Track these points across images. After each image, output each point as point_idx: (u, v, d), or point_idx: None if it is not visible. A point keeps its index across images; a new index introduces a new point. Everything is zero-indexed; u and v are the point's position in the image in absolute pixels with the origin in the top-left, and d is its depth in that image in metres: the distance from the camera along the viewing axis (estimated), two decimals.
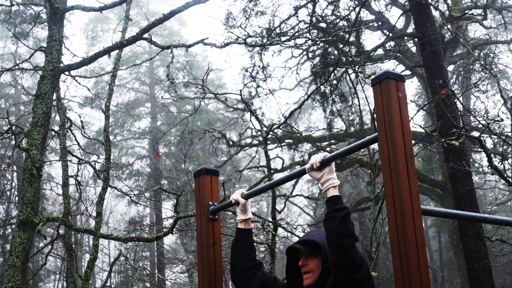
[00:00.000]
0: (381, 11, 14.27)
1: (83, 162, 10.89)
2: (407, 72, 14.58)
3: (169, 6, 27.91)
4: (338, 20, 13.08)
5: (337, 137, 15.31)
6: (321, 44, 13.19)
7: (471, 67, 14.31)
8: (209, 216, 3.04)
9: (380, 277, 7.57)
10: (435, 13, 12.30)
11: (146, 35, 8.67)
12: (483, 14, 14.31)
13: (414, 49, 14.72)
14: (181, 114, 20.64)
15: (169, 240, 23.28)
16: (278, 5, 13.56)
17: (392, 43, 13.81)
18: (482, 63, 10.87)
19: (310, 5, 12.89)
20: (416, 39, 12.42)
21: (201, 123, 20.97)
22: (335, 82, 13.62)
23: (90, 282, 9.46)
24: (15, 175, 19.49)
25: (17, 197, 18.56)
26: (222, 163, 18.49)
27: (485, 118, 10.09)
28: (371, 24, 14.24)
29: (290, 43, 14.02)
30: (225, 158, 18.75)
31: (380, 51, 13.57)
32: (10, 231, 18.20)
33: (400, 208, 2.08)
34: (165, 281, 16.42)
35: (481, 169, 15.56)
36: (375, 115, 2.33)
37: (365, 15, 14.14)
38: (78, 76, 10.65)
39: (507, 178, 7.81)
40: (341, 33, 12.17)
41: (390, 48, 13.66)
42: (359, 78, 11.19)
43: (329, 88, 13.91)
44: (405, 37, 13.85)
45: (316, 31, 13.15)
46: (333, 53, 13.38)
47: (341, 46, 12.54)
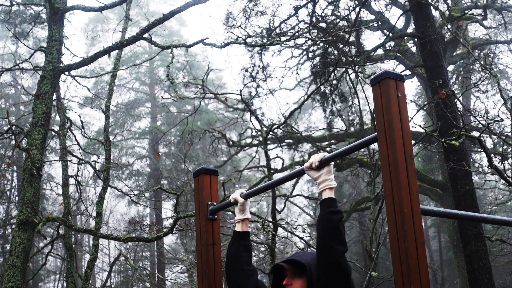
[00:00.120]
0: (381, 11, 14.27)
1: (83, 162, 10.89)
2: (407, 72, 14.58)
3: (169, 6, 27.94)
4: (338, 20, 13.08)
5: (337, 137, 15.31)
6: (321, 44, 13.19)
7: (471, 67, 14.30)
8: (209, 216, 3.04)
9: (380, 277, 7.57)
10: (435, 13, 12.30)
11: (146, 35, 8.68)
12: (483, 14, 14.30)
13: (414, 49, 14.72)
14: (181, 114, 20.64)
15: (169, 240, 23.30)
16: (278, 5, 13.57)
17: (392, 43, 13.81)
18: (482, 63, 10.87)
19: (310, 5, 12.89)
20: (416, 39, 12.42)
21: (201, 123, 20.97)
22: (335, 82, 13.62)
23: (90, 282, 9.46)
24: (15, 175, 19.49)
25: (17, 197, 18.57)
26: (222, 163, 18.49)
27: (485, 118, 10.09)
28: (371, 24, 14.24)
29: (290, 43, 14.02)
30: (225, 158, 18.75)
31: (380, 51, 13.57)
32: (10, 231, 18.20)
33: (399, 208, 2.08)
34: (165, 281, 16.42)
35: (481, 169, 15.56)
36: (374, 115, 2.33)
37: (365, 15, 14.15)
38: (78, 76, 10.65)
39: (507, 178, 7.81)
40: (341, 33, 12.17)
41: (390, 48, 13.66)
42: (359, 78, 11.19)
43: (329, 88, 13.91)
44: (405, 37, 13.84)
45: (316, 31, 13.15)
46: (333, 53, 13.38)
47: (341, 46, 12.54)
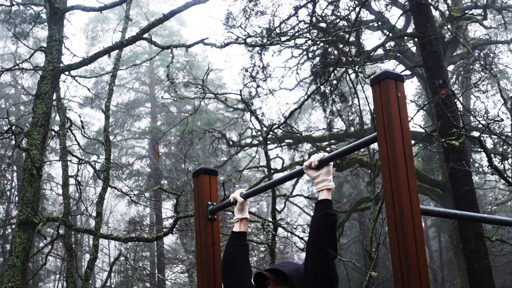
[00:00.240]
0: (381, 11, 14.26)
1: (83, 162, 10.90)
2: (407, 72, 14.58)
3: (169, 6, 27.94)
4: (338, 20, 13.08)
5: (337, 137, 15.30)
6: (321, 44, 13.19)
7: (471, 67, 14.30)
8: (208, 216, 3.04)
9: (380, 277, 7.56)
10: (435, 13, 12.30)
11: (146, 35, 8.68)
12: (483, 14, 14.30)
13: (414, 49, 14.72)
14: (181, 114, 20.64)
15: (169, 240, 23.31)
16: (278, 5, 13.56)
17: (392, 43, 13.80)
18: (482, 63, 10.87)
19: (310, 5, 12.89)
20: (416, 39, 12.42)
21: (201, 123, 20.97)
22: (335, 82, 13.62)
23: (90, 282, 9.46)
24: (15, 175, 19.49)
25: (17, 197, 18.56)
26: (222, 163, 18.49)
27: (485, 118, 10.10)
28: (371, 24, 14.24)
29: (290, 43, 14.02)
30: (225, 158, 18.75)
31: (380, 51, 13.57)
32: (10, 231, 18.20)
33: (399, 208, 2.08)
34: (165, 281, 16.41)
35: (481, 169, 15.56)
36: (374, 115, 2.31)
37: (365, 15, 14.15)
38: (78, 76, 10.65)
39: (507, 178, 7.81)
40: (341, 33, 12.17)
41: (390, 48, 13.65)
42: (359, 78, 11.19)
43: (329, 88, 13.91)
44: (405, 37, 13.84)
45: (316, 31, 13.15)
46: (333, 53, 13.38)
47: (341, 46, 12.54)
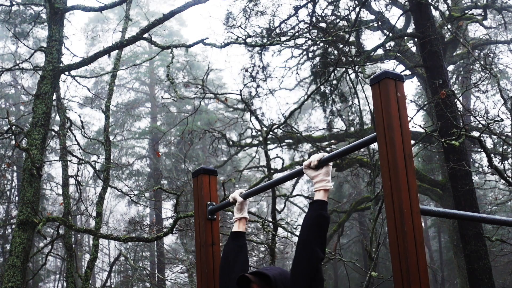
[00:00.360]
0: (381, 11, 14.26)
1: (83, 162, 10.90)
2: (407, 72, 14.57)
3: (169, 6, 27.94)
4: (338, 20, 13.08)
5: (337, 137, 15.30)
6: (321, 44, 13.19)
7: (471, 67, 14.29)
8: (208, 216, 3.04)
9: (380, 277, 7.56)
10: (435, 13, 12.30)
11: (146, 35, 8.68)
12: (483, 14, 14.29)
13: (414, 49, 14.71)
14: (181, 114, 20.64)
15: (169, 240, 23.31)
16: (278, 5, 13.56)
17: (392, 43, 13.80)
18: (482, 63, 10.87)
19: (310, 5, 12.89)
20: (416, 39, 12.41)
21: (201, 123, 20.97)
22: (335, 82, 13.62)
23: (90, 282, 9.46)
24: (15, 175, 19.50)
25: (17, 197, 18.56)
26: (222, 163, 18.48)
27: (485, 118, 10.10)
28: (371, 24, 14.23)
29: (290, 43, 14.02)
30: (225, 158, 18.74)
31: (380, 51, 13.57)
32: (10, 231, 18.20)
33: (399, 208, 2.08)
34: (165, 281, 16.41)
35: (481, 169, 15.56)
36: (374, 115, 2.31)
37: (365, 15, 14.14)
38: (78, 76, 10.66)
39: (507, 178, 7.80)
40: (341, 33, 12.17)
41: (390, 48, 13.65)
42: (359, 78, 11.20)
43: (329, 88, 13.91)
44: (405, 37, 13.84)
45: (316, 31, 13.15)
46: (333, 53, 13.38)
47: (341, 46, 12.54)
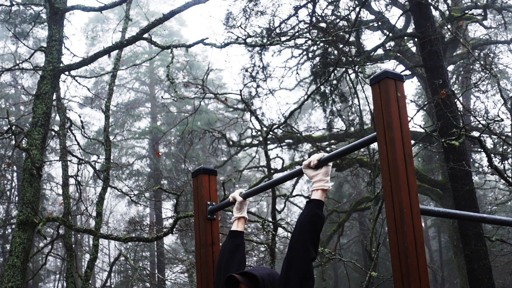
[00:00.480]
0: (381, 11, 14.25)
1: (83, 162, 10.90)
2: (407, 72, 14.57)
3: (169, 6, 27.93)
4: (338, 20, 13.07)
5: (337, 137, 15.30)
6: (321, 44, 13.19)
7: (471, 67, 14.29)
8: (207, 216, 3.04)
9: (380, 277, 7.55)
10: (435, 13, 12.29)
11: (146, 35, 8.68)
12: (483, 14, 14.29)
13: (414, 49, 14.71)
14: (181, 114, 20.64)
15: (169, 240, 23.31)
16: (278, 5, 13.55)
17: (392, 43, 13.79)
18: (482, 63, 10.87)
19: (310, 5, 12.89)
20: (416, 39, 12.41)
21: (201, 123, 20.96)
22: (335, 82, 13.62)
23: (90, 282, 9.45)
24: (15, 175, 19.49)
25: (17, 197, 18.56)
26: (222, 163, 18.48)
27: (485, 118, 10.10)
28: (371, 24, 14.23)
29: (290, 43, 14.01)
30: (225, 158, 18.74)
31: (380, 51, 13.57)
32: (10, 231, 18.20)
33: (399, 208, 2.07)
34: (165, 281, 16.41)
35: (481, 169, 15.56)
36: (374, 115, 2.31)
37: (365, 15, 14.14)
38: (78, 76, 10.65)
39: (507, 178, 7.80)
40: (341, 33, 12.16)
41: (390, 48, 13.65)
42: (359, 78, 11.19)
43: (329, 88, 13.90)
44: (405, 37, 13.84)
45: (316, 31, 13.15)
46: (333, 53, 13.37)
47: (341, 46, 12.54)
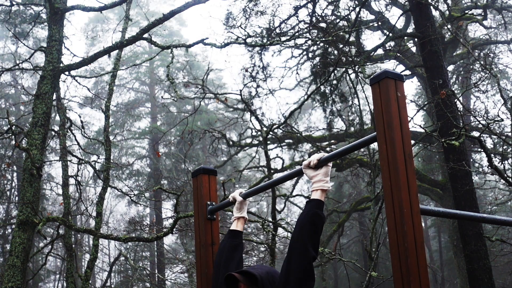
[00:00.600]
0: (381, 11, 14.25)
1: (83, 162, 10.90)
2: (407, 72, 14.57)
3: (169, 6, 27.93)
4: (338, 20, 13.07)
5: (337, 137, 15.30)
6: (321, 44, 13.18)
7: (471, 67, 14.29)
8: (207, 216, 3.04)
9: (380, 277, 7.55)
10: (435, 13, 12.29)
11: (146, 35, 8.68)
12: (483, 14, 14.28)
13: (414, 49, 14.71)
14: (181, 114, 20.64)
15: (169, 240, 23.30)
16: (278, 5, 13.55)
17: (392, 43, 13.79)
18: (482, 63, 10.86)
19: (310, 5, 12.88)
20: (416, 39, 12.41)
21: (201, 123, 20.95)
22: (335, 82, 13.62)
23: (90, 282, 9.45)
24: (15, 175, 19.49)
25: (17, 197, 18.56)
26: (222, 163, 18.48)
27: (485, 118, 10.10)
28: (371, 24, 14.23)
29: (290, 43, 14.01)
30: (225, 158, 18.73)
31: (380, 51, 13.56)
32: (10, 231, 18.20)
33: (399, 207, 2.07)
34: (165, 281, 16.41)
35: (481, 169, 15.56)
36: (374, 115, 2.31)
37: (365, 15, 14.13)
38: (78, 76, 10.65)
39: (507, 178, 7.80)
40: (341, 33, 12.16)
41: (390, 48, 13.65)
42: (359, 78, 11.19)
43: (329, 88, 13.90)
44: (405, 37, 13.83)
45: (316, 31, 13.14)
46: (333, 53, 13.37)
47: (341, 46, 12.54)
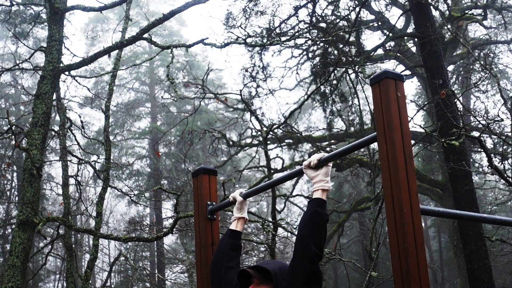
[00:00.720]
0: (381, 11, 14.25)
1: (83, 162, 10.90)
2: (407, 72, 14.57)
3: (169, 6, 27.93)
4: (338, 20, 13.08)
5: (337, 137, 15.30)
6: (321, 44, 13.19)
7: (471, 67, 14.29)
8: (207, 216, 3.04)
9: (380, 277, 7.56)
10: (435, 13, 12.29)
11: (146, 35, 8.68)
12: (483, 14, 14.29)
13: (414, 49, 14.71)
14: (181, 114, 20.64)
15: (169, 240, 23.30)
16: (278, 5, 13.55)
17: (392, 43, 13.80)
18: (482, 63, 10.87)
19: (310, 5, 12.89)
20: (416, 39, 12.41)
21: (201, 123, 20.95)
22: (335, 82, 13.62)
23: (90, 282, 9.45)
24: (15, 175, 19.49)
25: (17, 197, 18.56)
26: (222, 163, 18.48)
27: (485, 118, 10.10)
28: (371, 24, 14.23)
29: (290, 43, 14.01)
30: (225, 158, 18.73)
31: (380, 51, 13.56)
32: (10, 231, 18.19)
33: (399, 208, 2.07)
34: (165, 281, 16.41)
35: (481, 169, 15.56)
36: (374, 115, 2.30)
37: (365, 15, 14.14)
38: (78, 76, 10.65)
39: (507, 178, 7.80)
40: (341, 33, 12.16)
41: (390, 48, 13.65)
42: (359, 78, 11.19)
43: (329, 88, 13.90)
44: (405, 37, 13.84)
45: (316, 31, 13.15)
46: (333, 53, 13.37)
47: (341, 46, 12.54)
